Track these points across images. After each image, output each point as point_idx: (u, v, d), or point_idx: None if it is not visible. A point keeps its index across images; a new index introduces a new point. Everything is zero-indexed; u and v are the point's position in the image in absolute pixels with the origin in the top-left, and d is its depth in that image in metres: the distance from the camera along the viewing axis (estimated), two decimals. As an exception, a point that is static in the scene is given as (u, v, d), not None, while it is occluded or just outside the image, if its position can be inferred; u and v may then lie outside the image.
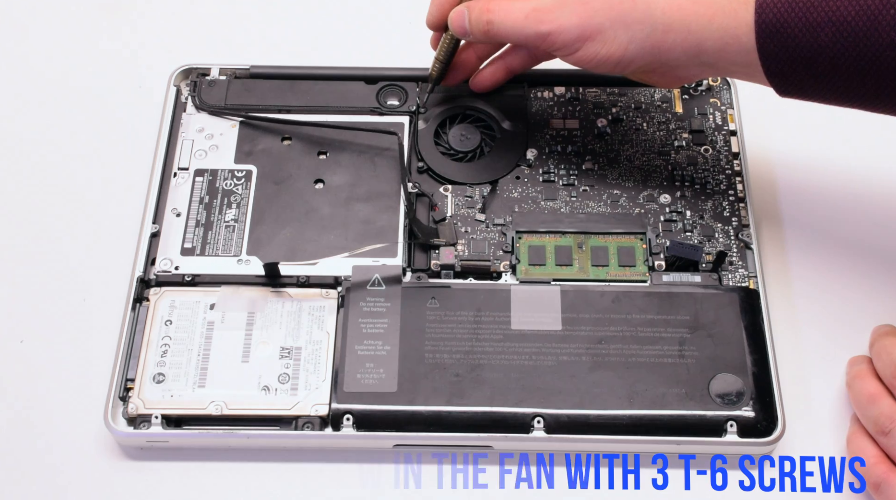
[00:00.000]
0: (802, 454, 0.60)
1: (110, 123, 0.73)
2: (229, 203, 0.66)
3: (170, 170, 0.68)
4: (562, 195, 0.67)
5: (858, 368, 0.60)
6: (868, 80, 0.56)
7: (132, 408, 0.59)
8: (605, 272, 0.63)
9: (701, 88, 0.71)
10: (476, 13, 0.63)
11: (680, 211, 0.66)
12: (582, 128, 0.70)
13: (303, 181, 0.67)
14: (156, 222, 0.65)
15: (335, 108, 0.70)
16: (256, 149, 0.68)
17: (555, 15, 0.60)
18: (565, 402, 0.59)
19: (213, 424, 0.59)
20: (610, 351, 0.60)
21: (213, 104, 0.70)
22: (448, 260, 0.64)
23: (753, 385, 0.59)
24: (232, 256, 0.64)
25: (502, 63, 0.69)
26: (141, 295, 0.63)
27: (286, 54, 0.75)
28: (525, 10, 0.61)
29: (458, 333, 0.61)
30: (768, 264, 0.65)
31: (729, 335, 0.61)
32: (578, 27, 0.60)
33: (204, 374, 0.60)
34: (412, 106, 0.70)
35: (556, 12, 0.60)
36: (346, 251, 0.63)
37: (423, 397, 0.59)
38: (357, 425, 0.58)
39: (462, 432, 0.58)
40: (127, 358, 0.61)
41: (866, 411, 0.58)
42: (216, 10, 0.79)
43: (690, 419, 0.58)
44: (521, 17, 0.61)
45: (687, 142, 0.69)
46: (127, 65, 0.76)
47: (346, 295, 0.62)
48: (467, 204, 0.66)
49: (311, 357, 0.60)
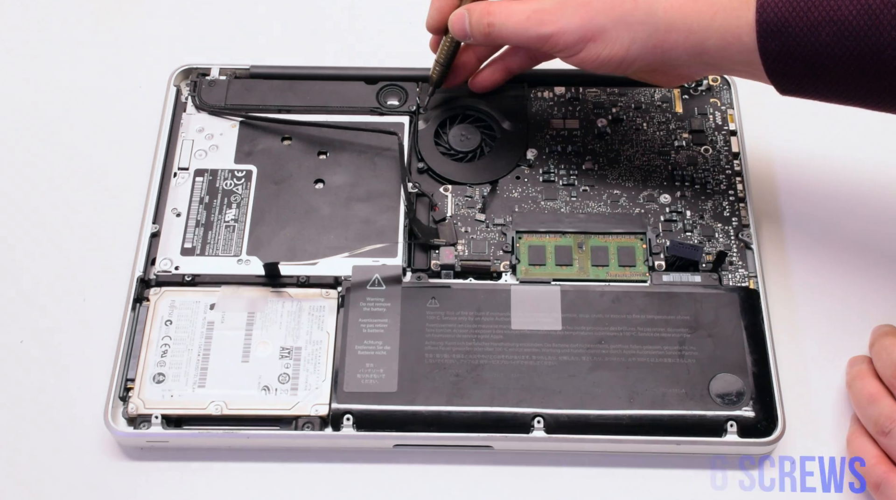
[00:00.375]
0: (802, 454, 0.60)
1: (110, 123, 0.73)
2: (229, 203, 0.66)
3: (170, 170, 0.68)
4: (562, 195, 0.67)
5: (858, 368, 0.60)
6: (868, 79, 0.56)
7: (132, 408, 0.59)
8: (605, 272, 0.63)
9: (701, 88, 0.71)
10: (477, 16, 0.63)
11: (680, 211, 0.66)
12: (582, 128, 0.70)
13: (303, 181, 0.67)
14: (156, 222, 0.65)
15: (335, 108, 0.70)
16: (256, 149, 0.68)
17: (557, 16, 0.60)
18: (565, 402, 0.59)
19: (213, 424, 0.59)
20: (610, 351, 0.60)
21: (213, 104, 0.70)
22: (448, 260, 0.64)
23: (753, 385, 0.59)
24: (232, 256, 0.64)
25: (502, 64, 0.69)
26: (141, 295, 0.63)
27: (286, 54, 0.75)
28: (526, 11, 0.61)
29: (458, 333, 0.61)
30: (768, 264, 0.65)
31: (729, 335, 0.61)
32: (580, 29, 0.60)
33: (204, 374, 0.60)
34: (412, 106, 0.70)
35: (558, 14, 0.60)
36: (346, 251, 0.63)
37: (423, 397, 0.59)
38: (357, 425, 0.58)
39: (462, 432, 0.58)
40: (127, 358, 0.61)
41: (866, 411, 0.58)
42: (216, 10, 0.79)
43: (690, 419, 0.58)
44: (522, 19, 0.61)
45: (687, 142, 0.69)
46: (127, 65, 0.76)
47: (346, 295, 0.62)
48: (467, 204, 0.66)
49: (311, 357, 0.60)
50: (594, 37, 0.60)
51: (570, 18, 0.60)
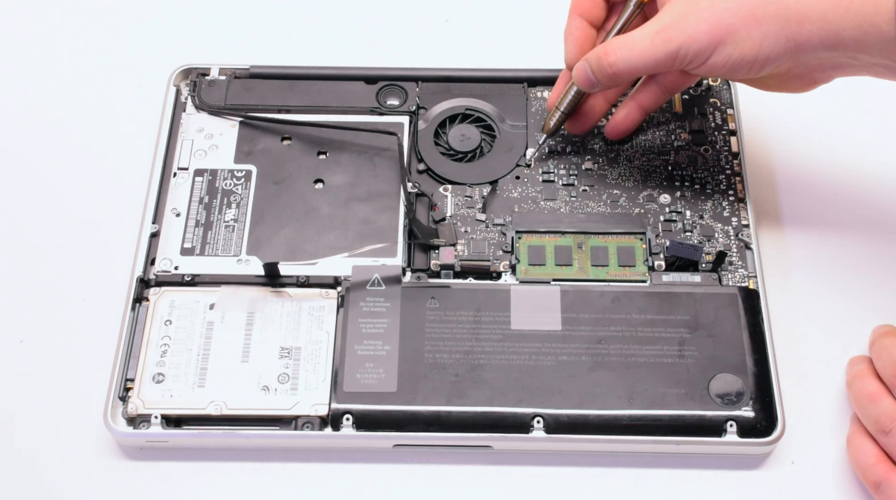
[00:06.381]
0: (802, 454, 0.60)
1: (110, 122, 0.73)
2: (229, 203, 0.66)
3: (169, 170, 0.68)
4: (562, 195, 0.67)
5: (858, 368, 0.60)
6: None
7: (132, 408, 0.59)
8: (604, 272, 0.63)
9: (701, 89, 0.71)
10: (596, 61, 0.61)
11: (680, 211, 0.66)
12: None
13: (302, 181, 0.67)
14: (155, 222, 0.65)
15: (335, 108, 0.70)
16: (256, 149, 0.68)
17: (681, 28, 0.58)
18: (565, 402, 0.59)
19: (212, 424, 0.59)
20: (610, 351, 0.60)
21: (212, 104, 0.70)
22: (448, 260, 0.64)
23: (753, 385, 0.59)
24: (232, 256, 0.64)
25: (633, 103, 0.66)
26: (141, 295, 0.63)
27: (286, 54, 0.75)
28: (648, 35, 0.59)
29: (458, 333, 0.61)
30: (768, 264, 0.65)
31: (729, 335, 0.61)
32: (708, 33, 0.57)
33: (203, 374, 0.60)
34: (412, 106, 0.70)
35: (682, 25, 0.58)
36: (346, 251, 0.63)
37: (422, 397, 0.59)
38: (357, 425, 0.58)
39: (462, 432, 0.58)
40: (126, 358, 0.61)
41: (866, 411, 0.58)
42: (216, 10, 0.79)
43: (690, 419, 0.58)
44: (647, 45, 0.58)
45: (687, 142, 0.69)
46: (127, 65, 0.76)
47: (345, 295, 0.62)
48: (467, 204, 0.66)
49: (310, 357, 0.60)
50: (723, 38, 0.57)
51: (696, 25, 0.57)
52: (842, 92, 0.67)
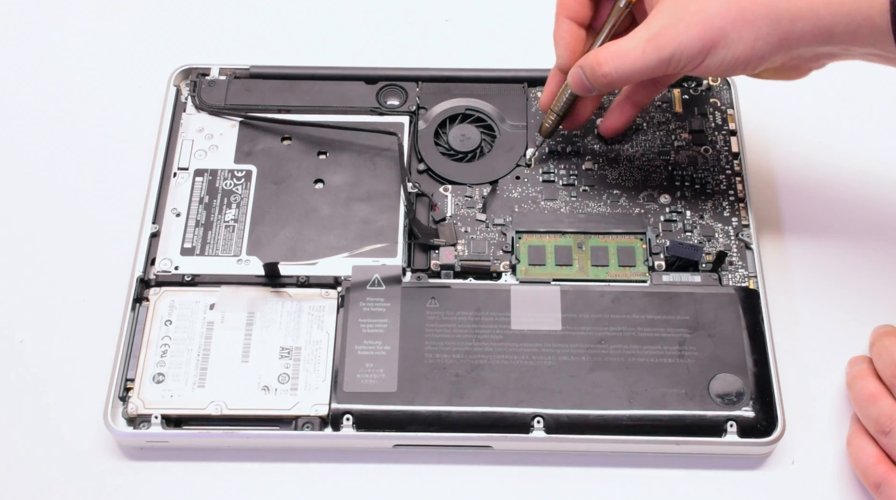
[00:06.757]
0: (802, 454, 0.60)
1: (110, 123, 0.73)
2: (229, 203, 0.66)
3: (169, 170, 0.68)
4: (562, 195, 0.67)
5: (858, 368, 0.60)
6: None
7: (132, 408, 0.59)
8: (605, 272, 0.63)
9: (701, 89, 0.71)
10: (590, 69, 0.60)
11: (680, 211, 0.66)
12: (582, 128, 0.69)
13: (302, 181, 0.67)
14: (155, 222, 0.65)
15: (335, 108, 0.70)
16: (256, 149, 0.68)
17: (672, 34, 0.57)
18: (565, 402, 0.59)
19: (212, 424, 0.59)
20: (610, 351, 0.60)
21: (212, 104, 0.70)
22: (448, 260, 0.64)
23: (753, 385, 0.59)
24: (232, 256, 0.64)
25: (627, 102, 0.67)
26: (141, 295, 0.63)
27: (286, 54, 0.75)
28: (639, 44, 0.58)
29: (458, 333, 0.61)
30: (768, 264, 0.65)
31: (729, 335, 0.61)
32: (699, 38, 0.57)
33: (204, 374, 0.60)
34: (412, 106, 0.70)
35: (673, 31, 0.57)
36: (346, 251, 0.63)
37: (422, 397, 0.59)
38: (357, 425, 0.58)
39: (462, 432, 0.58)
40: (127, 358, 0.61)
41: (866, 411, 0.58)
42: (216, 10, 0.79)
43: (690, 419, 0.58)
44: (638, 55, 0.58)
45: (687, 142, 0.69)
46: (127, 65, 0.76)
47: (345, 295, 0.62)
48: (467, 204, 0.66)
49: (310, 357, 0.60)
50: (715, 42, 0.56)
51: (686, 31, 0.57)
52: (842, 92, 0.67)
